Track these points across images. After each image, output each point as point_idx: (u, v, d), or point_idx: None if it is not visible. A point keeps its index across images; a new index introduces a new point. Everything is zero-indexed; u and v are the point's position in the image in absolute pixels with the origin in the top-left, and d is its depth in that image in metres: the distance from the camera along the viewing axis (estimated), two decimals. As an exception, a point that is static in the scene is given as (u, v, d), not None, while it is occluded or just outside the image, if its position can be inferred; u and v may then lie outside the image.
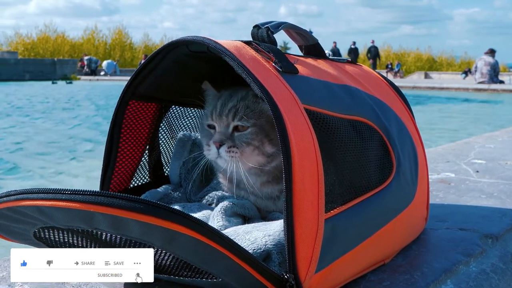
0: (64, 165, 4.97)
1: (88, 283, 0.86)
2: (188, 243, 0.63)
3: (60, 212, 0.61)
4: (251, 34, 0.88)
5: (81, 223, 0.63)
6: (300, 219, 0.69)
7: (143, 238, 0.65)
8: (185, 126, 1.17)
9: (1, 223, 0.69)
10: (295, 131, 0.70)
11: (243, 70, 0.74)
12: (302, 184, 0.69)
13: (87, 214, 0.60)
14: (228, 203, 0.92)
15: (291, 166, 0.69)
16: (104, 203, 0.58)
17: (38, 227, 0.68)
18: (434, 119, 8.10)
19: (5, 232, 0.73)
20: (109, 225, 0.62)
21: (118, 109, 0.98)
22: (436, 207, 1.31)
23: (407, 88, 14.24)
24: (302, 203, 0.69)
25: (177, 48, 0.87)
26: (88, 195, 0.59)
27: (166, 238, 0.63)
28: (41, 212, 0.62)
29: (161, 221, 0.59)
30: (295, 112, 0.73)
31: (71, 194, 0.59)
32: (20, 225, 0.68)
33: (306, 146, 0.72)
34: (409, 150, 0.98)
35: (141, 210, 0.59)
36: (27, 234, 0.70)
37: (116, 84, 15.29)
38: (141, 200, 0.59)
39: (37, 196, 0.61)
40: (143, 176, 1.10)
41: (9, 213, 0.65)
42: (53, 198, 0.60)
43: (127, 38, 37.94)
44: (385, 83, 1.08)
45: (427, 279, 0.88)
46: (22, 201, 0.62)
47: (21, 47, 34.83)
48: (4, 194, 0.63)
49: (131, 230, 0.62)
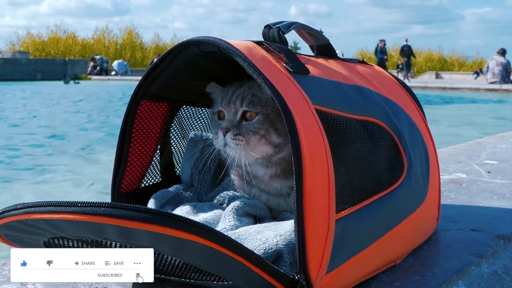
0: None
1: (99, 282, 0.87)
2: (197, 250, 0.63)
3: (69, 224, 0.62)
4: (262, 34, 0.88)
5: (91, 234, 0.64)
6: (310, 220, 0.69)
7: (153, 246, 0.65)
8: (196, 126, 1.17)
9: (10, 233, 0.70)
10: (305, 131, 0.70)
11: (254, 71, 0.74)
12: (313, 184, 0.69)
13: (96, 226, 0.61)
14: (240, 203, 0.92)
15: (301, 167, 0.69)
16: (113, 215, 0.59)
17: (47, 237, 0.68)
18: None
19: (15, 241, 0.74)
20: (118, 235, 0.63)
21: (129, 109, 0.98)
22: (448, 207, 1.30)
23: (418, 88, 14.17)
24: (313, 204, 0.69)
25: (188, 48, 0.87)
26: (96, 207, 0.60)
27: (175, 246, 0.64)
28: (50, 225, 0.63)
29: (169, 230, 0.60)
30: (306, 113, 0.73)
31: (80, 206, 0.60)
32: (29, 236, 0.69)
33: (317, 147, 0.71)
34: (421, 151, 0.97)
35: (150, 220, 0.59)
36: (37, 244, 0.71)
37: (130, 84, 15.33)
38: (149, 210, 0.60)
39: (46, 209, 0.61)
40: (155, 175, 1.10)
41: (19, 225, 0.66)
42: (62, 211, 0.60)
43: (137, 38, 38.09)
44: (397, 83, 1.08)
45: (439, 279, 0.87)
46: (31, 215, 0.62)
47: (33, 47, 35.07)
48: (12, 208, 0.64)
49: (140, 240, 0.63)
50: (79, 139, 6.43)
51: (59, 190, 3.91)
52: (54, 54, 34.36)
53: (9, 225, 0.66)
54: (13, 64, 25.10)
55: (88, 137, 6.59)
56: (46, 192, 3.84)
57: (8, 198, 3.69)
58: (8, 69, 24.50)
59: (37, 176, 4.46)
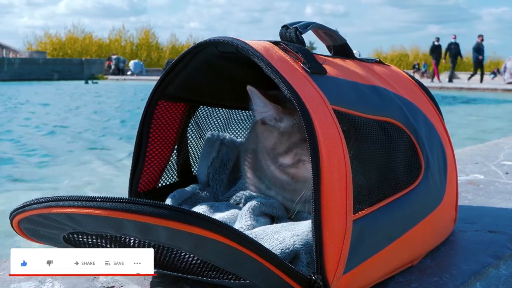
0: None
1: (117, 279, 0.88)
2: (215, 247, 0.63)
3: (89, 219, 0.62)
4: (280, 34, 0.88)
5: (110, 229, 0.64)
6: (328, 220, 0.69)
7: (171, 243, 0.66)
8: (213, 126, 1.18)
9: (31, 228, 0.70)
10: (323, 131, 0.70)
11: (272, 71, 0.74)
12: (331, 184, 0.69)
13: (115, 221, 0.61)
14: (256, 203, 0.93)
15: (319, 166, 0.69)
16: (132, 210, 0.59)
17: (67, 232, 0.69)
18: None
19: (35, 236, 0.74)
20: (137, 231, 0.63)
21: (147, 109, 0.99)
22: (465, 209, 1.29)
23: (434, 88, 14.07)
24: (331, 204, 0.69)
25: (206, 48, 0.88)
26: (116, 202, 0.60)
27: (193, 243, 0.64)
28: (70, 219, 0.63)
29: (188, 227, 0.60)
30: (324, 113, 0.73)
31: (99, 201, 0.60)
32: (49, 230, 0.70)
33: (335, 147, 0.71)
34: (438, 151, 0.97)
35: (169, 216, 0.59)
36: (57, 238, 0.72)
37: (147, 84, 15.46)
38: (168, 207, 0.60)
39: (66, 203, 0.62)
40: (172, 175, 1.11)
41: (39, 219, 0.66)
42: (82, 206, 0.61)
43: (154, 38, 38.30)
44: (414, 83, 1.07)
45: (456, 281, 0.87)
46: (52, 209, 0.63)
47: (50, 47, 35.40)
48: (34, 201, 0.65)
49: (158, 236, 0.63)
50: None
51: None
52: (71, 54, 34.68)
53: (31, 219, 0.67)
54: (30, 64, 25.35)
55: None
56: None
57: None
58: (25, 69, 24.76)
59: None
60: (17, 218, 0.68)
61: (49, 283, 0.87)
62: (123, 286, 0.85)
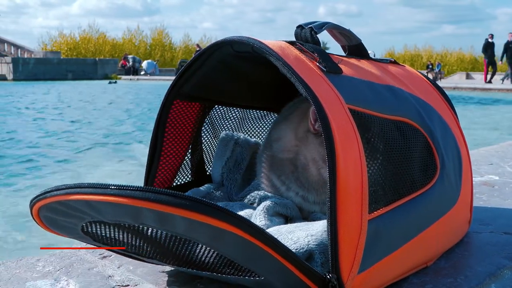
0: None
1: (132, 278, 0.88)
2: (232, 241, 0.63)
3: (108, 207, 0.62)
4: (295, 34, 0.89)
5: (129, 218, 0.64)
6: (343, 219, 0.69)
7: (188, 234, 0.65)
8: (228, 126, 1.18)
9: (50, 216, 0.70)
10: (339, 130, 0.70)
11: (288, 70, 0.74)
12: (346, 183, 0.69)
13: (134, 209, 0.61)
14: (271, 203, 0.93)
15: (335, 165, 0.69)
16: (151, 199, 0.59)
17: (86, 221, 0.69)
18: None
19: (53, 226, 0.74)
20: (155, 221, 0.63)
21: (162, 109, 1.00)
22: (480, 210, 1.28)
23: (448, 88, 13.99)
24: (346, 203, 0.69)
25: (222, 48, 0.88)
26: (136, 191, 0.60)
27: (211, 235, 0.64)
28: (90, 207, 0.63)
29: (206, 218, 0.60)
30: (339, 112, 0.73)
31: (119, 189, 0.60)
32: (68, 219, 0.70)
33: (350, 146, 0.72)
34: (453, 152, 0.96)
35: (187, 206, 0.59)
36: (75, 228, 0.72)
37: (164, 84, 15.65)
38: (187, 197, 0.60)
39: (86, 190, 0.62)
40: (186, 175, 1.11)
41: (59, 207, 0.66)
42: (102, 193, 0.61)
43: (167, 38, 38.45)
44: (429, 84, 1.07)
45: (471, 283, 0.86)
46: (72, 195, 0.63)
47: (65, 47, 35.66)
48: (54, 188, 0.65)
49: (176, 226, 0.63)
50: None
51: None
52: (85, 54, 34.91)
53: (50, 207, 0.67)
54: (45, 64, 25.58)
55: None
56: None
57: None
58: (40, 69, 24.99)
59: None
60: (37, 206, 0.67)
61: (64, 282, 0.87)
62: (138, 285, 0.86)
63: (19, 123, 8.23)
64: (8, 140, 6.39)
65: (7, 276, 0.90)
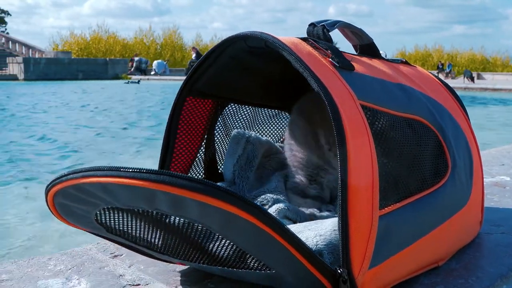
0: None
1: (143, 277, 0.88)
2: (244, 228, 0.63)
3: (124, 190, 0.62)
4: (307, 32, 0.89)
5: (143, 203, 0.64)
6: (354, 214, 0.69)
7: (201, 220, 0.65)
8: (239, 124, 1.18)
9: (65, 203, 0.70)
10: (351, 126, 0.71)
11: (300, 65, 0.75)
12: (357, 179, 0.69)
13: (149, 192, 0.61)
14: (283, 206, 0.94)
15: (346, 161, 0.69)
16: (166, 182, 0.59)
17: (100, 208, 0.69)
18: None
19: (67, 214, 0.74)
20: (169, 205, 0.63)
21: (175, 106, 1.00)
22: (491, 211, 1.27)
23: (459, 89, 13.92)
24: (357, 198, 0.69)
25: (235, 43, 0.88)
26: (151, 174, 0.60)
27: (223, 221, 0.64)
28: (105, 190, 0.64)
29: (219, 203, 0.60)
30: (351, 108, 0.74)
31: (135, 172, 0.61)
32: (83, 206, 0.70)
33: (362, 142, 0.72)
34: (464, 151, 0.96)
35: (201, 190, 0.59)
36: (89, 217, 0.72)
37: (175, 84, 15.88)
38: (201, 181, 0.60)
39: (102, 173, 0.62)
40: (198, 172, 1.11)
41: (74, 192, 0.66)
42: (118, 175, 0.61)
43: (179, 39, 38.57)
44: (440, 84, 1.06)
45: (482, 284, 0.86)
46: (88, 178, 0.63)
47: (75, 47, 35.84)
48: (70, 172, 0.65)
49: (190, 212, 0.63)
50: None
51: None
52: (95, 54, 35.06)
53: (65, 192, 0.67)
54: (55, 64, 25.73)
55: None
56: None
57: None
58: (51, 69, 25.14)
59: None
60: (53, 191, 0.67)
61: (76, 280, 0.88)
62: (148, 284, 0.86)
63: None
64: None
65: (19, 274, 0.90)
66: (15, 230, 3.22)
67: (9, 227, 3.28)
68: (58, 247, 2.84)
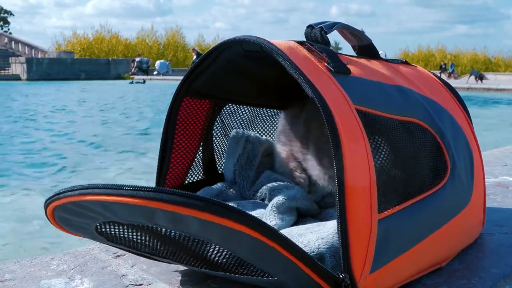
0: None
1: (145, 277, 0.89)
2: (245, 241, 0.63)
3: (123, 208, 0.63)
4: (305, 34, 0.88)
5: (143, 219, 0.65)
6: (353, 219, 0.69)
7: (201, 234, 0.66)
8: (238, 124, 1.18)
9: (64, 216, 0.71)
10: (346, 131, 0.70)
11: (295, 71, 0.74)
12: (354, 184, 0.69)
13: (148, 210, 0.61)
14: (280, 199, 0.93)
15: (342, 167, 0.69)
16: (165, 200, 0.60)
17: (100, 222, 0.69)
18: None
19: (67, 225, 0.75)
20: (168, 221, 0.63)
21: (172, 106, 1.00)
22: (494, 211, 1.27)
23: (462, 89, 13.89)
24: (355, 202, 0.69)
25: (231, 47, 0.88)
26: (149, 192, 0.60)
27: (223, 235, 0.64)
28: (104, 207, 0.64)
29: (219, 219, 0.60)
30: (346, 113, 0.73)
31: (133, 190, 0.61)
32: (83, 219, 0.70)
33: (357, 146, 0.71)
34: (465, 152, 0.96)
35: (200, 207, 0.60)
36: (89, 228, 0.72)
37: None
38: (200, 198, 0.60)
39: (100, 191, 0.62)
40: (197, 173, 1.12)
41: (73, 207, 0.67)
42: (117, 194, 0.61)
43: (181, 39, 38.60)
44: (440, 84, 1.06)
45: (485, 284, 0.86)
46: (86, 196, 0.63)
47: (78, 47, 35.87)
48: (69, 189, 0.65)
49: (189, 227, 0.64)
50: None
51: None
52: (98, 54, 35.09)
53: (65, 207, 0.67)
54: (58, 64, 25.79)
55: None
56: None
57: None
58: (53, 69, 25.19)
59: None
60: (52, 206, 0.68)
61: (78, 280, 0.88)
62: (151, 284, 0.86)
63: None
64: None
65: (22, 274, 0.91)
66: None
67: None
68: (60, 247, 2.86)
